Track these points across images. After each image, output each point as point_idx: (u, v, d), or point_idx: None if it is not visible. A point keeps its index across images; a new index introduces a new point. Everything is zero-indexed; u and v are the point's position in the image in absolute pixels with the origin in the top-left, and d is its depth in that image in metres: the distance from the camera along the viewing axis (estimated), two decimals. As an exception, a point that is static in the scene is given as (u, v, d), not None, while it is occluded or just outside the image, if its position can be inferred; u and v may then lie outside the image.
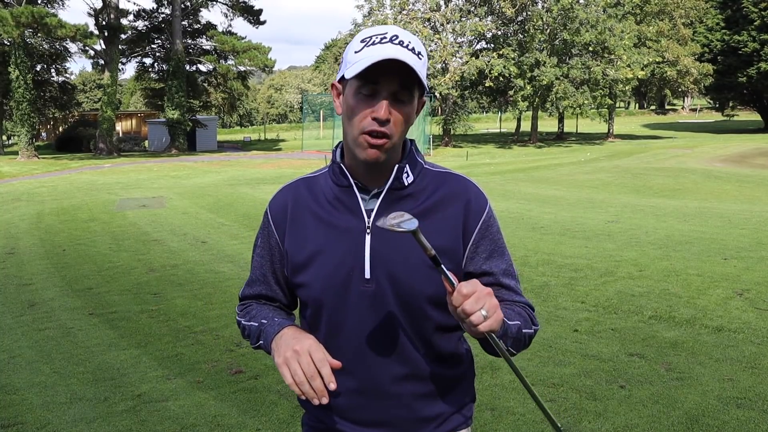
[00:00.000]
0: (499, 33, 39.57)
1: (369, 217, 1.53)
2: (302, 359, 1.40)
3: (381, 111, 1.42)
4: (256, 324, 1.60)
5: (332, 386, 1.38)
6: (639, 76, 38.49)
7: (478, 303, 1.27)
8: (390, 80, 1.43)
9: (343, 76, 1.48)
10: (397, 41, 1.43)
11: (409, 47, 1.43)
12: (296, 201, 1.61)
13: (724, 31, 46.01)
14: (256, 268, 1.69)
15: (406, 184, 1.54)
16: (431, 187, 1.56)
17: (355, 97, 1.46)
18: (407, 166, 1.55)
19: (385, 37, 1.44)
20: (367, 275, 1.51)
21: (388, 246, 1.51)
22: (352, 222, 1.53)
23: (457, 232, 1.53)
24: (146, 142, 46.33)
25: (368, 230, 1.52)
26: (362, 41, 1.46)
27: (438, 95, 38.39)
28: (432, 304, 1.53)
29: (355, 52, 1.45)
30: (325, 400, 1.38)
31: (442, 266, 1.28)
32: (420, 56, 1.45)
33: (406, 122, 1.48)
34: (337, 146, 1.61)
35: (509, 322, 1.44)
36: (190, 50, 44.63)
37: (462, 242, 1.54)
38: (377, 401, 1.56)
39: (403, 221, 1.27)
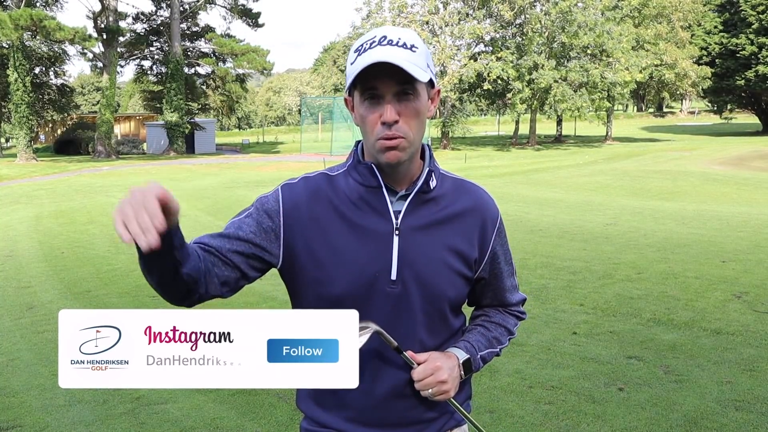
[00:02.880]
0: (498, 36, 39.64)
1: (397, 218, 1.53)
2: (132, 198, 1.19)
3: (386, 114, 1.43)
4: None
5: (158, 223, 1.17)
6: (637, 79, 38.54)
7: (426, 387, 1.52)
8: (387, 82, 1.43)
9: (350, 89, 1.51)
10: (386, 42, 1.43)
11: (400, 43, 1.43)
12: (318, 195, 1.57)
13: (722, 34, 46.12)
14: (237, 229, 1.52)
15: (432, 187, 1.56)
16: (451, 195, 1.60)
17: (362, 105, 1.48)
18: (433, 170, 1.57)
19: (374, 41, 1.44)
20: (394, 276, 1.53)
21: (416, 248, 1.54)
22: (380, 223, 1.53)
23: (473, 242, 1.60)
24: (145, 145, 46.29)
25: (396, 231, 1.53)
26: (356, 51, 1.46)
27: (437, 97, 38.39)
28: (450, 307, 1.61)
29: (351, 64, 1.46)
30: (152, 239, 1.16)
31: (404, 353, 1.52)
32: (414, 48, 1.45)
33: (418, 116, 1.48)
34: (356, 146, 1.61)
35: (477, 356, 1.63)
36: (189, 53, 44.63)
37: (479, 251, 1.61)
38: (386, 403, 1.58)
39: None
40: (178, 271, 1.36)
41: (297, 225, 1.55)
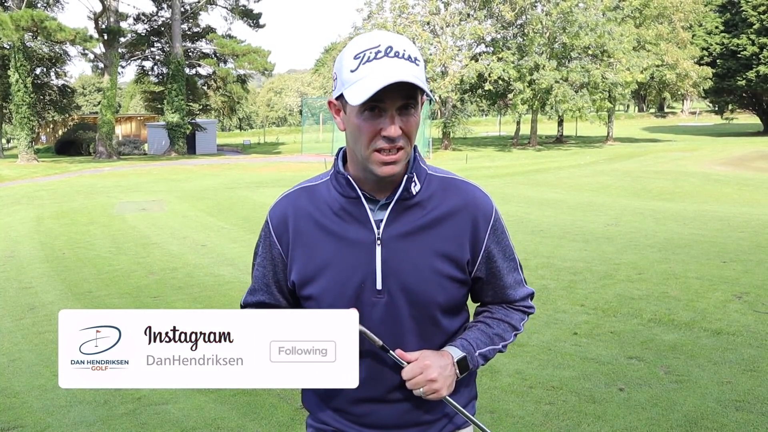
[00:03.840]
0: (499, 36, 39.60)
1: (378, 228, 1.52)
2: None
3: (392, 130, 1.41)
4: None
5: None
6: (638, 80, 38.49)
7: (416, 386, 1.50)
8: (394, 98, 1.41)
9: (341, 94, 1.45)
10: (392, 53, 1.40)
11: (406, 56, 1.41)
12: (298, 212, 1.58)
13: (723, 34, 46.08)
14: (258, 279, 1.67)
15: (414, 193, 1.54)
16: (438, 196, 1.56)
17: (360, 116, 1.44)
18: (415, 175, 1.54)
19: (379, 51, 1.40)
20: (379, 286, 1.52)
21: (399, 256, 1.52)
22: (362, 233, 1.52)
23: (464, 242, 1.56)
24: (146, 146, 46.33)
25: (378, 241, 1.52)
26: (356, 57, 1.41)
27: (437, 98, 38.40)
28: (442, 311, 1.58)
29: (352, 71, 1.41)
30: None
31: (391, 352, 1.51)
32: (417, 62, 1.43)
33: (416, 129, 1.47)
34: (337, 154, 1.59)
35: (475, 353, 1.60)
36: (190, 53, 44.65)
37: (471, 251, 1.57)
38: (386, 406, 1.59)
39: None
40: None
41: (288, 247, 1.59)
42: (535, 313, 1.82)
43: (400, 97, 1.41)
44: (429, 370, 1.50)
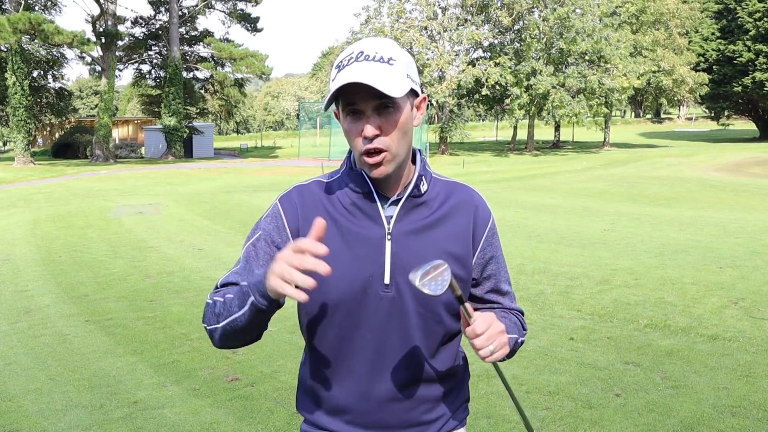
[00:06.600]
0: (496, 42, 39.71)
1: (389, 223, 1.55)
2: (287, 258, 1.28)
3: (366, 129, 1.46)
4: (236, 288, 1.47)
5: (322, 269, 1.25)
6: (635, 85, 38.64)
7: (489, 341, 1.43)
8: (364, 98, 1.45)
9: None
10: (363, 57, 1.44)
11: (377, 58, 1.44)
12: (310, 202, 1.60)
13: (719, 40, 46.32)
14: (250, 258, 1.57)
15: (423, 191, 1.58)
16: (442, 196, 1.61)
17: (345, 120, 1.50)
18: (424, 175, 1.59)
19: (352, 57, 1.46)
20: (387, 281, 1.54)
21: (408, 252, 1.55)
22: (372, 228, 1.55)
23: (467, 240, 1.61)
24: (143, 149, 46.29)
25: (389, 236, 1.55)
26: (336, 67, 1.48)
27: (435, 103, 38.46)
28: (446, 310, 1.60)
29: (332, 81, 1.48)
30: (323, 268, 1.25)
31: (465, 303, 1.43)
32: (391, 62, 1.45)
33: (400, 128, 1.48)
34: (349, 154, 1.62)
35: (510, 336, 1.57)
36: (188, 57, 44.66)
37: (472, 249, 1.62)
38: (384, 405, 1.59)
39: (440, 279, 1.37)
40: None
41: (297, 231, 1.58)
42: (533, 318, 1.84)
43: (371, 98, 1.44)
44: (496, 322, 1.46)
